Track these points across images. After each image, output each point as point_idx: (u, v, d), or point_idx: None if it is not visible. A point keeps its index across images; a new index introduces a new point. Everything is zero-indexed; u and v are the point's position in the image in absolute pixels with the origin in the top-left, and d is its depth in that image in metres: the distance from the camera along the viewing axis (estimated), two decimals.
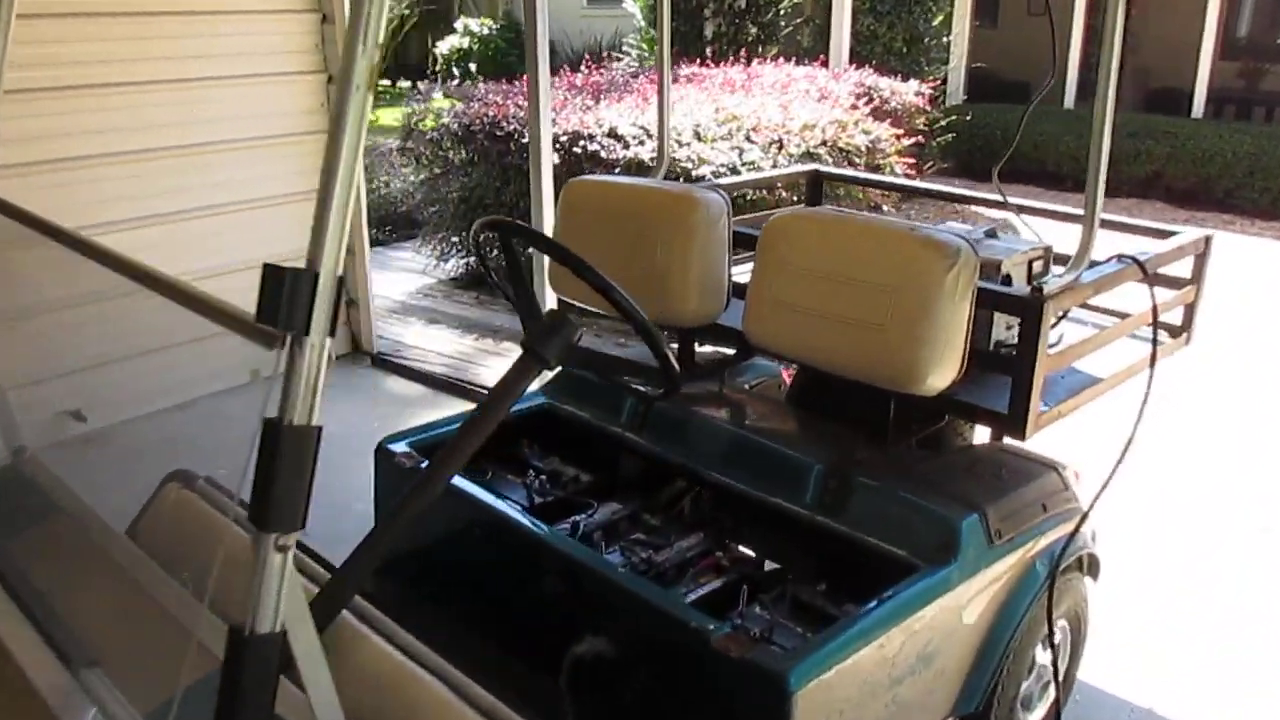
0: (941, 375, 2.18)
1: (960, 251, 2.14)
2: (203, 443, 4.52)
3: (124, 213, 4.60)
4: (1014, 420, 2.27)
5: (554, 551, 2.26)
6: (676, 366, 1.77)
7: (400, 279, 7.13)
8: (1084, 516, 2.52)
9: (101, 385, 4.61)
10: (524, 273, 1.76)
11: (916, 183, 3.79)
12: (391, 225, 8.28)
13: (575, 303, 2.93)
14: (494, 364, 5.46)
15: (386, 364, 5.51)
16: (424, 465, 2.58)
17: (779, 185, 5.26)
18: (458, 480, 2.50)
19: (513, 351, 5.70)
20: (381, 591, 1.82)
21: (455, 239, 6.77)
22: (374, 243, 8.09)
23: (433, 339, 5.91)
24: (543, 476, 2.76)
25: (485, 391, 4.98)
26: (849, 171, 4.30)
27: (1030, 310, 2.21)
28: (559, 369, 3.04)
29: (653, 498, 2.69)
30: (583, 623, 2.22)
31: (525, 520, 2.36)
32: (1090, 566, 2.67)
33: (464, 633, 2.44)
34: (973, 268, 2.15)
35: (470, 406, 4.92)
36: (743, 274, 2.66)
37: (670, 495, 2.71)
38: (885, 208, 6.85)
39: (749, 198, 5.24)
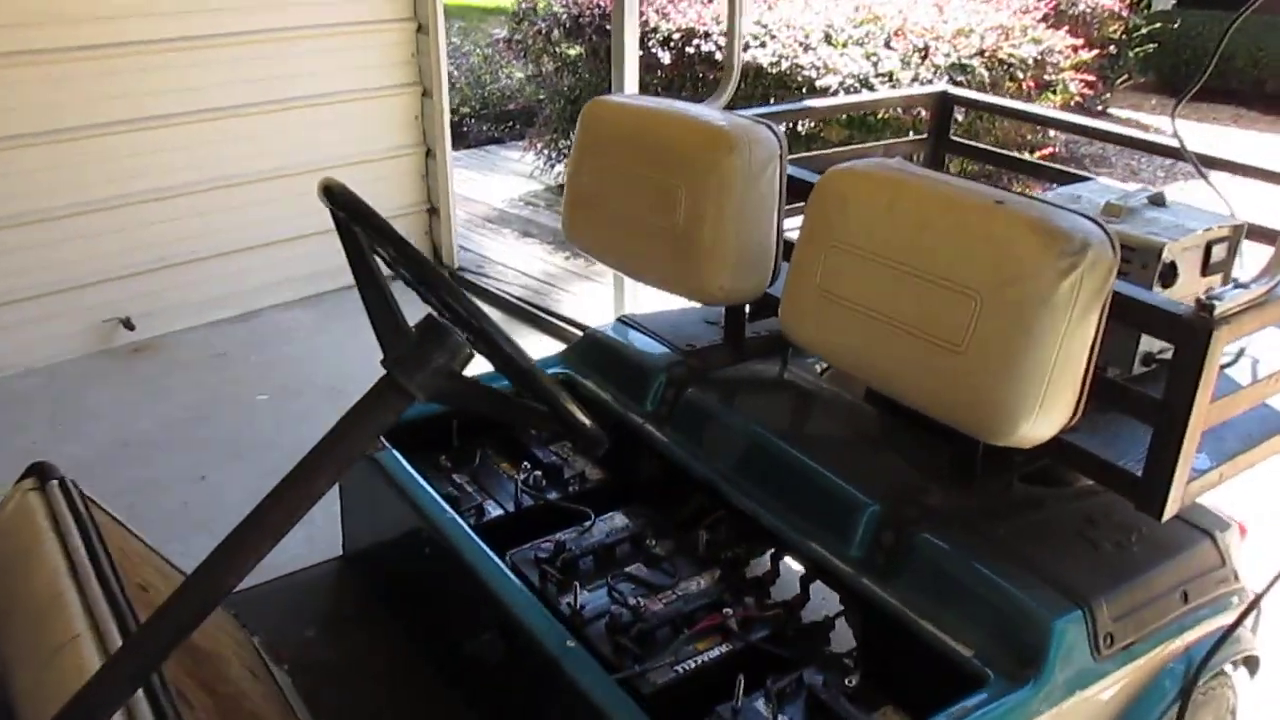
0: (1043, 423, 1.51)
1: (1086, 245, 1.43)
2: (253, 359, 4.20)
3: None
4: (1150, 490, 1.57)
5: (493, 597, 1.73)
6: (589, 424, 1.18)
7: (504, 183, 6.64)
8: (1250, 606, 1.81)
9: (163, 289, 4.33)
10: (374, 266, 1.19)
11: (1074, 118, 2.95)
12: (511, 120, 7.78)
13: (591, 257, 2.36)
14: (580, 292, 4.92)
15: (462, 283, 5.05)
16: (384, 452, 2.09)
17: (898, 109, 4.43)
18: (405, 474, 2.00)
19: (604, 278, 5.19)
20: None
21: (565, 142, 6.21)
22: (488, 140, 7.65)
23: (521, 256, 5.40)
24: (538, 472, 2.22)
25: (563, 326, 4.48)
26: (986, 97, 3.47)
27: (1189, 337, 1.49)
28: (585, 334, 2.53)
29: (665, 514, 2.13)
30: (519, 700, 1.71)
31: (469, 546, 1.83)
32: (1247, 666, 1.97)
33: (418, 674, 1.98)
34: (1105, 271, 1.45)
35: (543, 341, 4.43)
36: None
37: (686, 514, 2.14)
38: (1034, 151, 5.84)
39: (869, 119, 4.43)
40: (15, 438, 3.55)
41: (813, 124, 4.90)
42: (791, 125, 4.65)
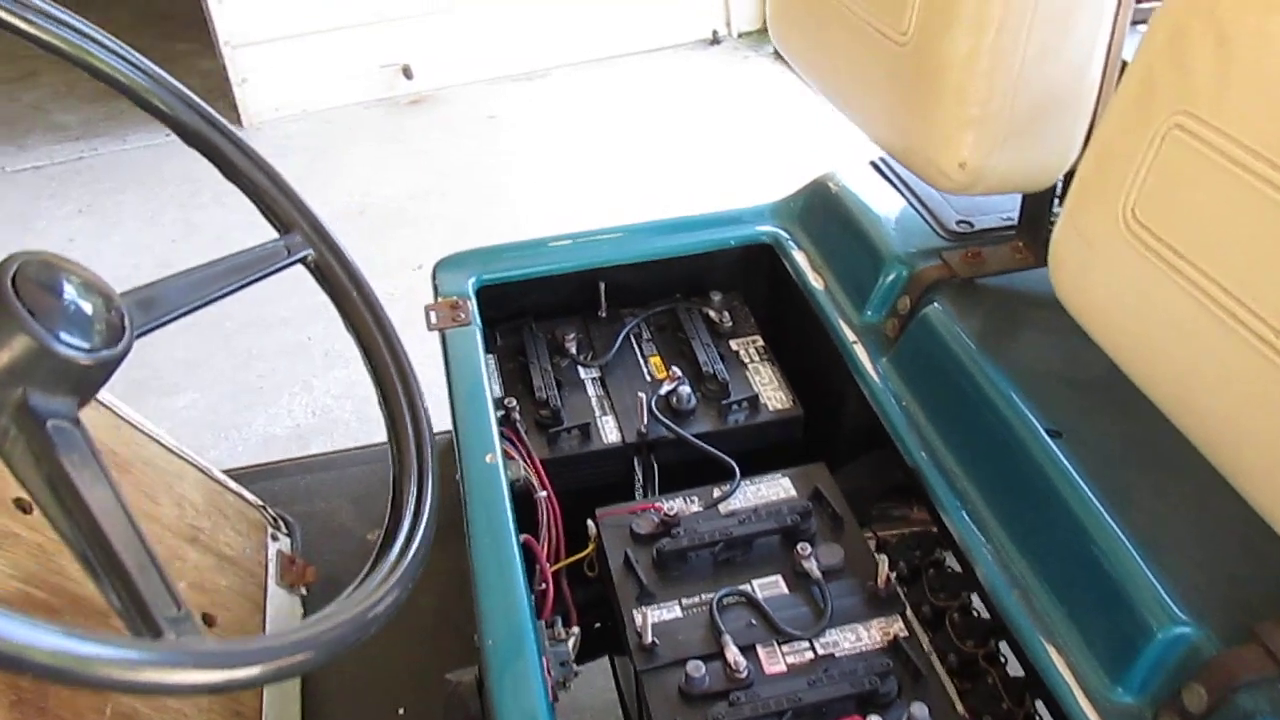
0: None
1: None
2: (521, 128, 3.65)
3: None
4: None
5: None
6: None
7: None
8: None
9: (446, 36, 3.86)
10: None
11: None
12: None
13: (799, 72, 1.45)
14: None
15: None
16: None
17: None
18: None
19: None
20: None
21: None
22: None
23: None
24: (682, 387, 1.46)
25: None
26: None
27: None
28: (817, 180, 1.66)
29: (854, 499, 1.32)
30: None
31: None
32: None
33: None
34: None
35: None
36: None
37: (875, 514, 1.33)
38: None
39: None
40: None
41: None
42: None
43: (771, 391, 1.47)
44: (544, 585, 1.24)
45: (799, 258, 1.52)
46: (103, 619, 0.98)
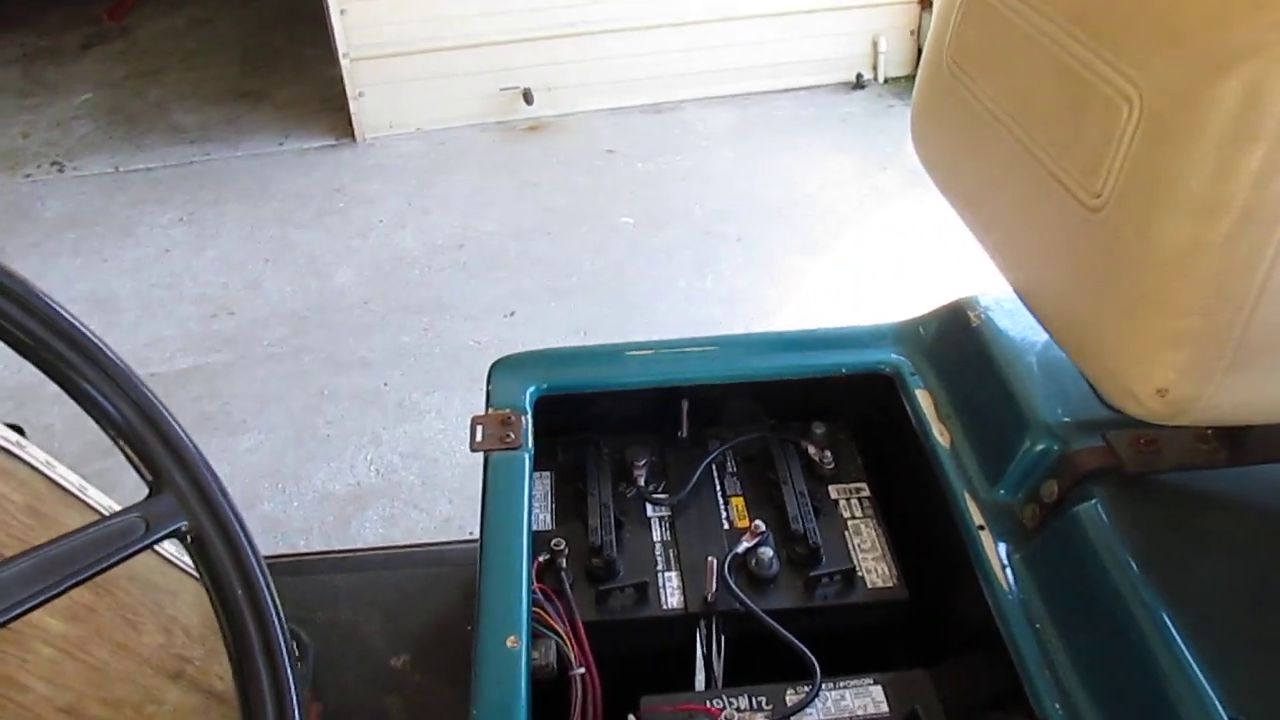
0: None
1: None
2: (639, 166, 3.43)
3: None
4: None
5: None
6: None
7: None
8: None
9: (569, 61, 3.68)
10: None
11: None
12: None
13: (940, 190, 1.18)
14: None
15: None
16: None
17: None
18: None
19: None
20: None
21: None
22: None
23: None
24: (763, 548, 1.21)
25: None
26: None
27: None
28: (950, 305, 1.38)
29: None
30: None
31: None
32: None
33: None
34: None
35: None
36: None
37: None
38: None
39: None
40: (364, 212, 3.20)
41: None
42: None
43: (873, 562, 1.21)
44: None
45: (923, 400, 1.25)
46: None
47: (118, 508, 0.57)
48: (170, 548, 1.21)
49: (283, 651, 0.56)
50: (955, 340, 1.27)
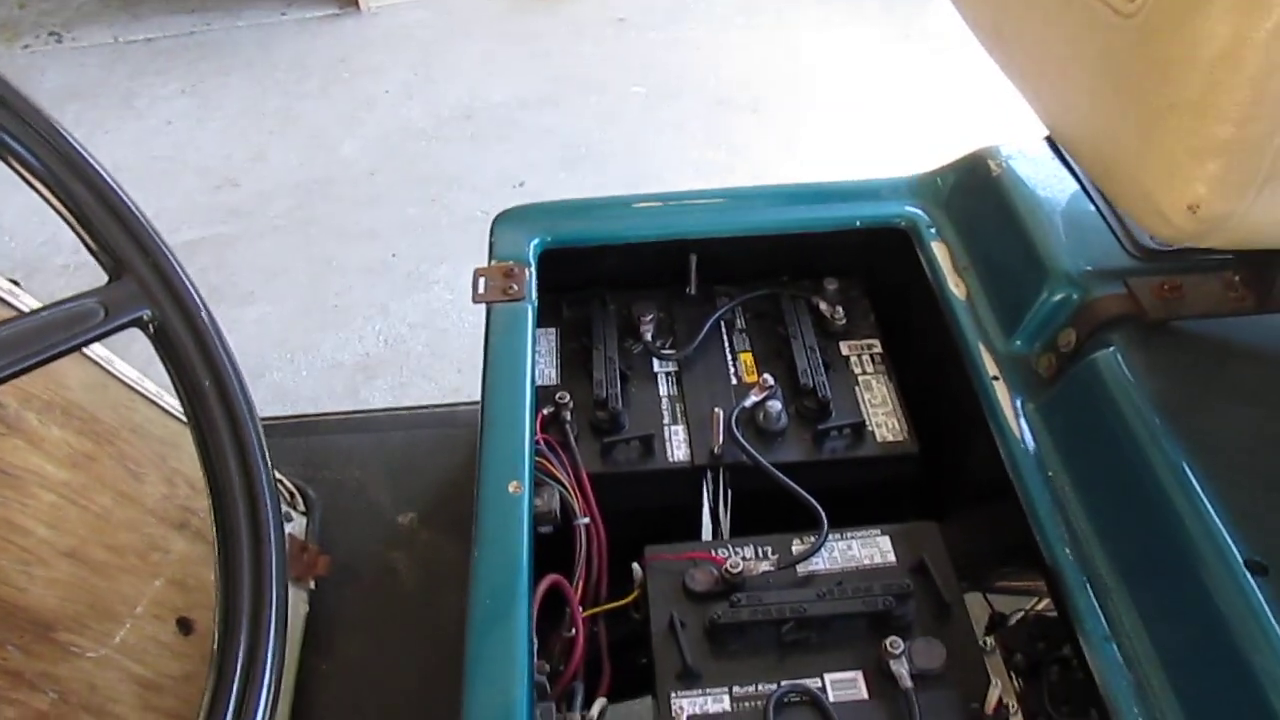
0: None
1: None
2: (652, 35, 3.30)
3: None
4: None
5: None
6: None
7: None
8: None
9: None
10: None
11: None
12: None
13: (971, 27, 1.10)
14: None
15: None
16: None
17: None
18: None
19: None
20: None
21: None
22: None
23: None
24: (769, 401, 1.19)
25: None
26: None
27: None
28: (972, 155, 1.32)
29: (968, 566, 1.04)
30: None
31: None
32: None
33: None
34: None
35: None
36: None
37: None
38: None
39: None
40: (369, 82, 3.11)
41: None
42: None
43: (883, 416, 1.18)
44: (573, 631, 1.02)
45: (938, 252, 1.21)
46: None
47: None
48: (171, 401, 1.20)
49: (255, 448, 0.54)
50: (975, 190, 1.22)
